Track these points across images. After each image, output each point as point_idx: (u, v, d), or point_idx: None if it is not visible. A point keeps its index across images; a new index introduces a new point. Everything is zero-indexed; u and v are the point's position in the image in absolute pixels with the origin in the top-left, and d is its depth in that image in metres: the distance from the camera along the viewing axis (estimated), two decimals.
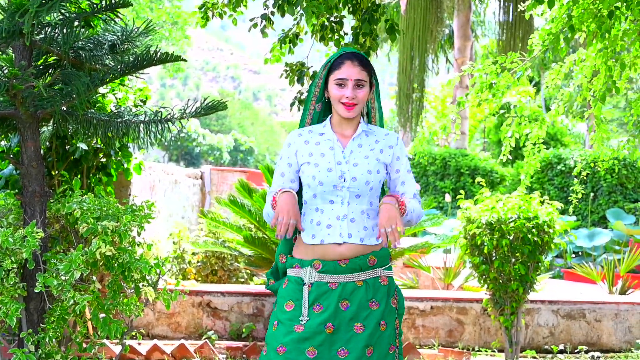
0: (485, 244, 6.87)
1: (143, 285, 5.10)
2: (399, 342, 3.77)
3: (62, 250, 5.22)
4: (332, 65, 3.81)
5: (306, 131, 3.89)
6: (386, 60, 30.50)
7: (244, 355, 7.08)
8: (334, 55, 3.85)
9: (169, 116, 5.31)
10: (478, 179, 7.55)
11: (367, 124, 3.89)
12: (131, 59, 5.16)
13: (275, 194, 3.74)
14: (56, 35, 5.09)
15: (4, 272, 4.73)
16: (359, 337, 3.62)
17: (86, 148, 6.38)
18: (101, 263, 5.01)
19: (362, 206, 3.72)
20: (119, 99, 6.62)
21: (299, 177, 3.83)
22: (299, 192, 3.88)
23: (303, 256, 3.75)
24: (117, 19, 5.36)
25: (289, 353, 3.60)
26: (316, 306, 3.65)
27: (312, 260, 3.70)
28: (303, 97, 7.60)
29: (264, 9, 7.60)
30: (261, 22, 7.66)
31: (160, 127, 5.31)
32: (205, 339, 7.44)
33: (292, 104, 7.69)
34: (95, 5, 5.17)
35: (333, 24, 7.36)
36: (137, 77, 5.40)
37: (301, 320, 3.63)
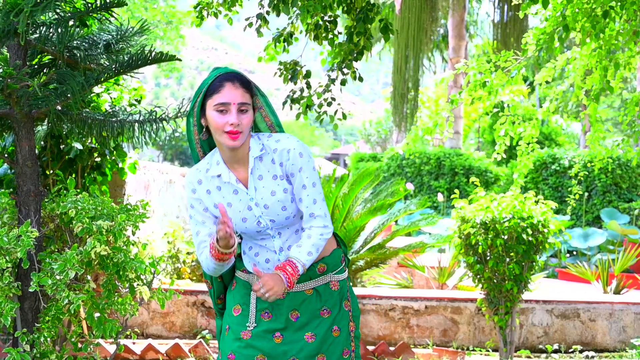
0: (480, 243, 6.88)
1: (138, 284, 5.10)
2: (355, 345, 3.65)
3: (56, 250, 5.21)
4: (209, 89, 3.42)
5: (203, 173, 3.53)
6: (381, 60, 30.53)
7: None
8: (209, 77, 3.48)
9: (163, 115, 5.31)
10: (472, 178, 7.55)
11: (258, 140, 3.51)
12: (126, 58, 5.16)
13: (209, 251, 3.42)
14: (51, 34, 5.08)
15: None
16: (311, 347, 3.52)
17: (81, 147, 6.38)
18: (96, 262, 5.00)
19: (294, 227, 3.57)
20: (114, 98, 6.62)
21: None
22: None
23: (249, 268, 3.63)
24: (112, 19, 5.36)
25: None
26: (265, 313, 3.55)
27: None
28: (295, 96, 7.60)
29: (259, 9, 7.61)
30: (256, 21, 7.67)
31: (154, 127, 5.31)
32: (199, 338, 7.44)
33: (284, 103, 7.68)
34: (90, 5, 5.17)
35: (327, 23, 7.37)
36: (131, 76, 5.40)
37: (248, 327, 3.54)
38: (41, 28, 5.08)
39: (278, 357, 3.51)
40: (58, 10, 5.06)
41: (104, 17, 5.33)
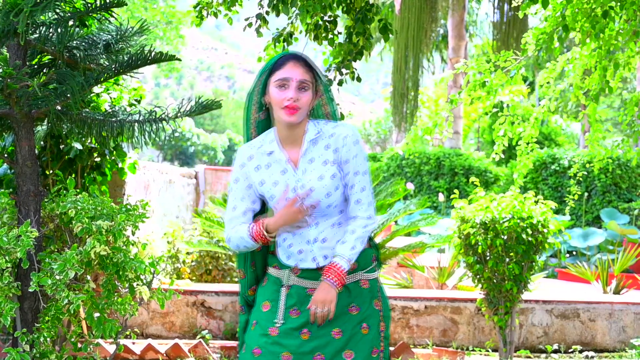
0: (480, 243, 6.88)
1: (137, 284, 5.10)
2: (384, 346, 3.65)
3: (56, 250, 5.21)
4: (273, 67, 3.52)
5: (255, 149, 3.62)
6: (382, 60, 30.53)
7: (238, 355, 7.07)
8: (275, 57, 3.57)
9: (163, 115, 5.31)
10: (472, 178, 7.55)
11: (315, 125, 3.59)
12: (125, 58, 5.16)
13: (252, 228, 3.53)
14: (51, 34, 5.08)
15: None
16: (337, 342, 3.52)
17: (81, 147, 6.38)
18: (95, 262, 5.00)
19: (332, 220, 3.59)
20: (114, 98, 6.62)
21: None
22: (263, 209, 3.73)
23: (283, 259, 3.66)
24: (111, 19, 5.36)
25: (263, 356, 3.54)
26: (293, 310, 3.57)
27: (291, 265, 3.62)
28: None
29: (259, 9, 7.60)
30: (256, 21, 7.67)
31: (154, 127, 5.30)
32: (199, 338, 7.44)
33: None
34: (89, 5, 5.17)
35: (327, 23, 7.36)
36: (131, 76, 5.39)
37: (276, 323, 3.56)
38: (41, 28, 5.08)
39: (304, 355, 3.52)
40: (58, 10, 5.06)
41: (103, 17, 5.33)
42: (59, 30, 4.99)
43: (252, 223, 3.55)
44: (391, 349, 7.29)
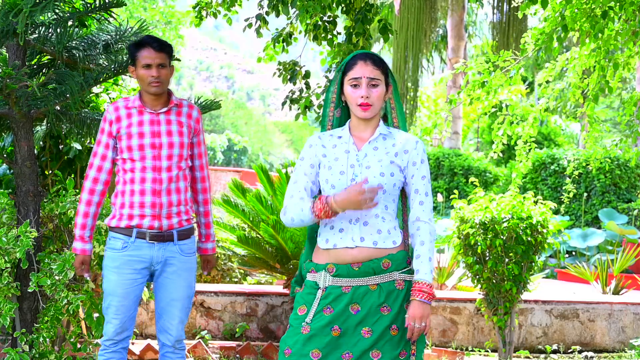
0: (479, 243, 6.88)
1: None
2: (415, 350, 3.63)
3: (55, 250, 5.21)
4: (346, 67, 3.74)
5: (327, 135, 3.80)
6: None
7: (237, 355, 7.07)
8: (347, 58, 3.78)
9: None
10: (471, 178, 7.56)
11: (387, 127, 3.76)
12: (125, 58, 5.16)
13: (315, 203, 3.62)
14: (50, 34, 5.09)
15: None
16: (366, 342, 3.54)
17: (80, 147, 6.37)
18: (95, 262, 5.00)
19: (376, 210, 3.61)
20: (113, 98, 6.61)
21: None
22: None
23: (319, 260, 3.69)
24: (110, 19, 5.36)
25: (293, 355, 3.57)
26: (327, 309, 3.59)
27: (326, 265, 3.64)
28: (295, 96, 7.59)
29: (259, 9, 7.60)
30: (256, 22, 7.66)
31: None
32: (198, 338, 7.43)
33: (283, 104, 7.68)
34: (89, 5, 5.17)
35: (326, 23, 7.36)
36: (130, 76, 5.40)
37: (307, 322, 3.58)
38: (40, 28, 5.08)
39: (333, 353, 3.55)
40: (57, 11, 5.06)
41: (102, 17, 5.34)
42: (58, 30, 5.00)
43: (315, 199, 3.67)
44: None
